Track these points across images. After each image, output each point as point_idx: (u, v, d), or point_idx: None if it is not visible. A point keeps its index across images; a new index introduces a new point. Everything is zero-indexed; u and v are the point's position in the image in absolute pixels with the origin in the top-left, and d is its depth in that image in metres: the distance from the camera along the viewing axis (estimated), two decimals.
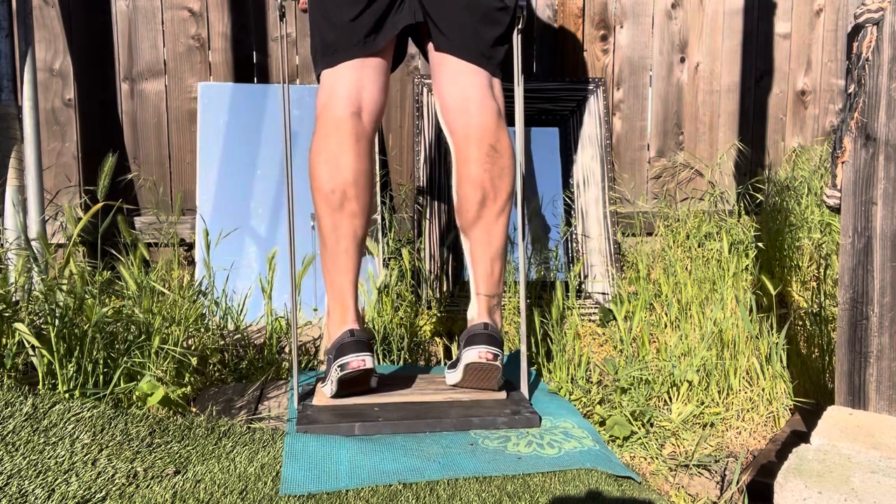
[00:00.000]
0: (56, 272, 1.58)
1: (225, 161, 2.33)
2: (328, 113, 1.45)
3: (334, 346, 1.41)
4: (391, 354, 1.90)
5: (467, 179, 1.49)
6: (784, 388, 1.65)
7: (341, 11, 1.43)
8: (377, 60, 1.48)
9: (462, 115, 1.49)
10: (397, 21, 1.45)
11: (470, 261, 1.55)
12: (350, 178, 1.42)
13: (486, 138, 1.47)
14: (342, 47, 1.45)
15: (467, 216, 1.51)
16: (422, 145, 2.37)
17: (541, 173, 2.55)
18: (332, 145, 1.43)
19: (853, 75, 1.32)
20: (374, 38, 1.44)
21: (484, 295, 1.52)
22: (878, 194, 1.30)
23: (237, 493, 1.10)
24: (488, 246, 1.51)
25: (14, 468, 1.07)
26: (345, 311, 1.46)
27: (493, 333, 1.47)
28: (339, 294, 1.46)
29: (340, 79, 1.46)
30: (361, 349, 1.39)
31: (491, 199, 1.48)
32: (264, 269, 2.20)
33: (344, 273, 1.47)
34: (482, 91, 1.49)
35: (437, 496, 1.15)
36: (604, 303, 2.28)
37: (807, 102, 2.89)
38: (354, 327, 1.43)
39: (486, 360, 1.44)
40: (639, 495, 1.23)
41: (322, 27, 1.47)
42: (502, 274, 1.56)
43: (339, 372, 1.39)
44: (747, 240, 2.29)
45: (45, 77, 2.32)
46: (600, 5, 2.66)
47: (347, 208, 1.43)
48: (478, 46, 1.48)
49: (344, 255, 1.46)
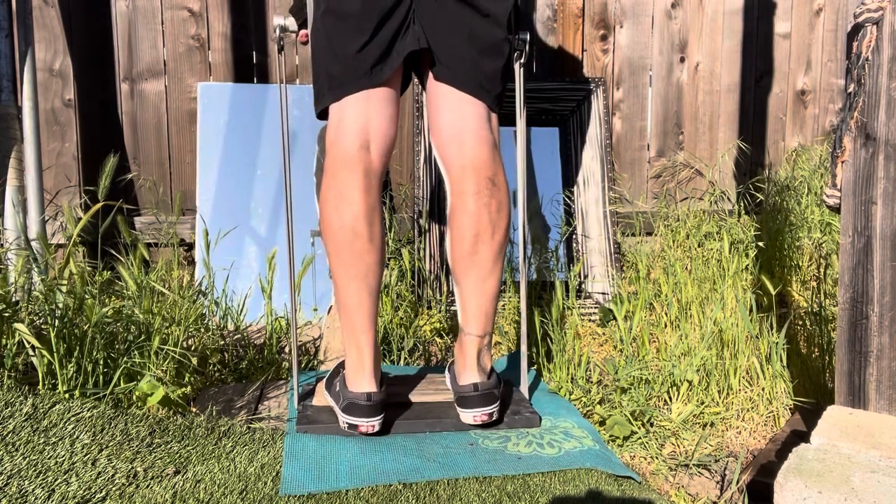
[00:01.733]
0: (56, 272, 1.58)
1: (225, 161, 2.33)
2: (337, 150, 1.39)
3: (348, 401, 1.36)
4: (391, 354, 1.90)
5: (464, 212, 1.41)
6: (784, 388, 1.65)
7: (346, 43, 1.38)
8: (385, 91, 1.42)
9: (458, 145, 1.44)
10: (402, 48, 1.39)
11: (460, 298, 1.46)
12: (360, 213, 1.35)
13: (483, 171, 1.42)
14: (348, 80, 1.39)
15: (461, 251, 1.42)
16: (422, 145, 2.37)
17: (541, 173, 2.55)
18: (339, 181, 1.37)
19: (853, 75, 1.32)
20: (381, 69, 1.39)
21: (475, 336, 1.44)
22: (878, 194, 1.30)
23: (237, 493, 1.10)
24: (483, 283, 1.43)
25: (14, 468, 1.07)
26: (361, 358, 1.39)
27: (486, 391, 1.41)
28: (354, 336, 1.39)
29: (347, 113, 1.40)
30: (374, 414, 1.35)
31: (488, 235, 1.41)
32: (264, 269, 2.20)
33: (356, 313, 1.38)
34: (479, 122, 1.44)
35: (437, 496, 1.15)
36: (604, 303, 2.28)
37: (807, 102, 2.89)
38: (373, 390, 1.37)
39: (481, 422, 1.42)
40: (639, 495, 1.23)
41: (326, 60, 1.42)
42: (495, 313, 1.47)
43: (346, 425, 1.37)
44: (747, 239, 2.29)
45: (45, 77, 2.32)
46: (600, 5, 2.66)
47: (357, 246, 1.36)
48: (477, 78, 1.43)
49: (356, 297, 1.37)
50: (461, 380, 1.45)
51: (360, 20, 1.36)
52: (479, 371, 1.44)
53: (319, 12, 1.41)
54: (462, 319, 1.46)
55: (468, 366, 1.45)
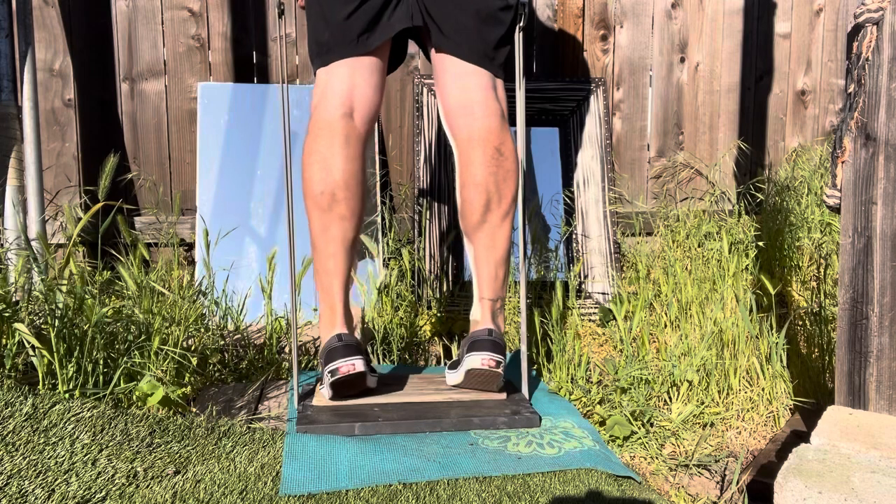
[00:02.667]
0: (56, 272, 1.58)
1: (225, 161, 2.33)
2: (319, 113, 1.44)
3: (324, 350, 1.40)
4: (391, 354, 1.90)
5: (472, 182, 1.47)
6: (784, 388, 1.65)
7: (336, 10, 1.42)
8: (371, 60, 1.46)
9: (465, 117, 1.47)
10: (393, 23, 1.43)
11: (473, 264, 1.54)
12: (340, 179, 1.41)
13: (490, 141, 1.46)
14: (336, 46, 1.44)
15: (471, 220, 1.49)
16: (422, 145, 2.37)
17: (541, 173, 2.55)
18: (322, 147, 1.41)
19: (853, 75, 1.32)
20: (368, 38, 1.43)
21: (488, 299, 1.51)
22: (878, 194, 1.30)
23: (237, 493, 1.10)
24: (492, 250, 1.50)
25: (14, 468, 1.07)
26: (333, 315, 1.45)
27: (497, 339, 1.46)
28: (329, 297, 1.45)
29: (333, 78, 1.45)
30: (350, 353, 1.38)
31: (496, 203, 1.47)
32: (264, 269, 2.20)
33: (333, 276, 1.45)
34: (485, 92, 1.48)
35: (437, 496, 1.15)
36: (604, 303, 2.28)
37: (807, 102, 2.89)
38: (343, 331, 1.42)
39: (488, 367, 1.44)
40: (639, 495, 1.23)
41: (317, 25, 1.47)
42: (506, 278, 1.54)
43: (331, 377, 1.38)
44: (747, 239, 2.29)
45: (45, 77, 2.32)
46: (600, 5, 2.66)
47: (336, 211, 1.42)
48: (480, 47, 1.46)
49: (332, 259, 1.45)
50: (476, 328, 1.50)
51: None
52: (494, 325, 1.50)
53: None
54: (476, 285, 1.53)
55: (483, 320, 1.50)
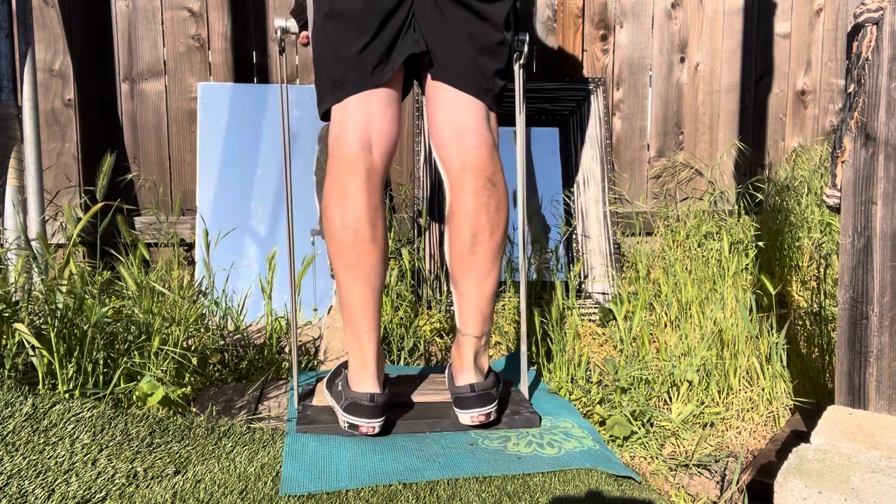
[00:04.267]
0: (56, 272, 1.58)
1: (225, 161, 2.33)
2: (338, 150, 1.40)
3: (349, 400, 1.36)
4: (391, 354, 1.90)
5: (462, 212, 1.42)
6: (784, 388, 1.65)
7: (348, 45, 1.38)
8: (386, 91, 1.43)
9: (457, 144, 1.44)
10: (403, 50, 1.40)
11: (458, 299, 1.46)
12: (362, 214, 1.36)
13: (483, 171, 1.42)
14: (349, 81, 1.40)
15: (459, 251, 1.43)
16: (422, 145, 2.37)
17: (541, 173, 2.55)
18: (342, 182, 1.37)
19: (853, 75, 1.32)
20: (383, 69, 1.39)
21: (473, 336, 1.44)
22: (878, 194, 1.30)
23: (237, 493, 1.10)
24: (481, 285, 1.43)
25: (14, 468, 1.07)
26: (365, 366, 1.39)
27: (483, 391, 1.41)
28: (357, 336, 1.39)
29: (349, 114, 1.40)
30: (376, 416, 1.35)
31: (486, 235, 1.41)
32: (264, 269, 2.20)
33: (362, 330, 1.38)
34: (479, 122, 1.44)
35: (437, 496, 1.15)
36: (604, 303, 2.28)
37: (807, 102, 2.89)
38: (376, 391, 1.37)
39: (480, 423, 1.42)
40: (639, 495, 1.23)
41: (328, 62, 1.42)
42: (492, 315, 1.48)
43: (346, 425, 1.37)
44: (747, 239, 2.29)
45: (45, 77, 2.32)
46: (600, 5, 2.66)
47: (359, 247, 1.36)
48: (476, 78, 1.43)
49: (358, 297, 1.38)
50: (458, 381, 1.45)
51: (361, 21, 1.36)
52: (477, 372, 1.44)
53: (321, 14, 1.40)
54: (459, 320, 1.46)
55: (465, 367, 1.45)
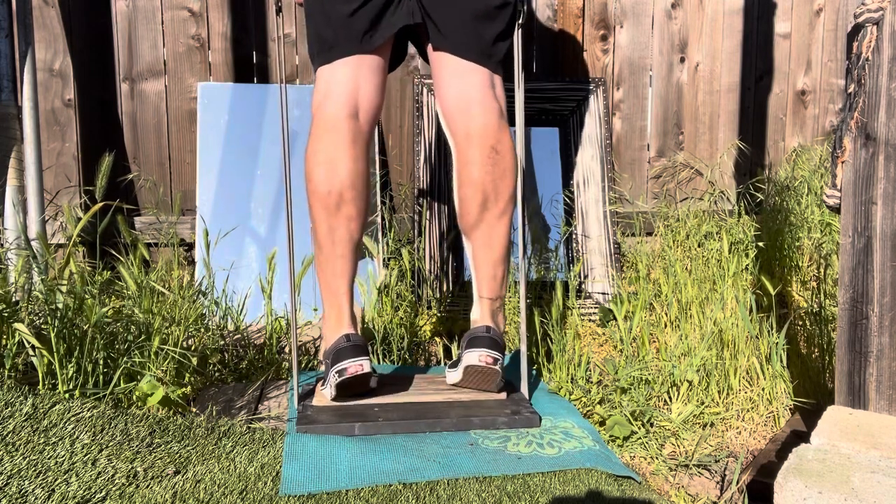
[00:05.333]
0: (56, 272, 1.58)
1: (225, 161, 2.33)
2: (323, 112, 1.43)
3: (331, 350, 1.40)
4: (391, 354, 1.90)
5: (468, 181, 1.47)
6: (784, 388, 1.65)
7: (339, 6, 1.41)
8: (374, 59, 1.45)
9: (463, 115, 1.47)
10: (395, 21, 1.42)
11: (472, 263, 1.53)
12: (347, 180, 1.40)
13: (487, 139, 1.45)
14: (339, 43, 1.42)
15: (469, 219, 1.49)
16: (422, 145, 2.37)
17: (541, 173, 2.55)
18: (328, 146, 1.41)
19: (853, 75, 1.32)
20: (371, 36, 1.42)
21: (487, 298, 1.51)
22: (878, 194, 1.30)
23: (237, 493, 1.10)
24: (490, 249, 1.50)
25: (14, 468, 1.07)
26: (340, 315, 1.45)
27: (495, 337, 1.46)
28: (335, 298, 1.45)
29: (336, 77, 1.43)
30: (358, 354, 1.38)
31: (492, 202, 1.47)
32: (264, 269, 2.20)
33: (340, 277, 1.45)
34: (484, 90, 1.47)
35: (437, 496, 1.15)
36: (604, 303, 2.28)
37: (807, 102, 2.89)
38: (351, 332, 1.42)
39: (486, 363, 1.44)
40: (639, 495, 1.23)
41: (318, 22, 1.45)
42: (505, 277, 1.54)
43: (338, 377, 1.38)
44: (747, 239, 2.29)
45: (45, 77, 2.32)
46: (600, 5, 2.66)
47: (344, 211, 1.41)
48: (478, 45, 1.45)
49: (340, 260, 1.45)
50: (474, 325, 1.50)
51: None
52: (493, 323, 1.49)
53: None
54: (475, 285, 1.53)
55: (482, 318, 1.50)
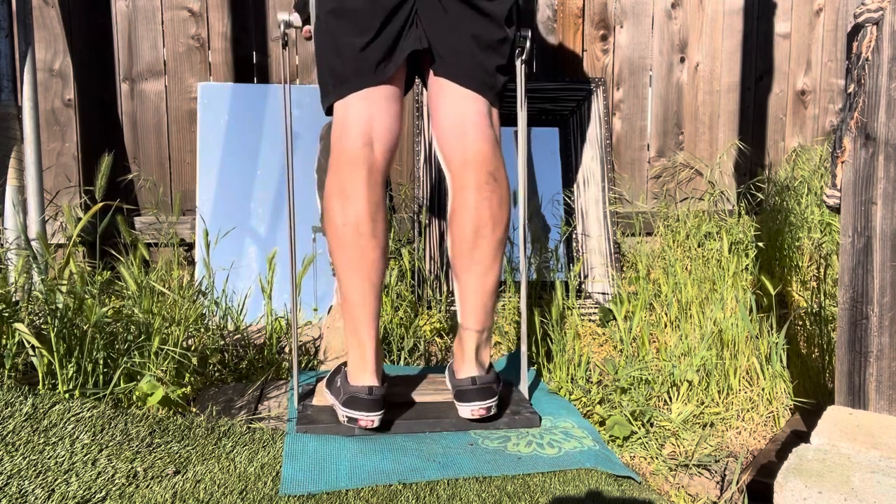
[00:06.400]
0: (56, 272, 1.58)
1: (225, 161, 2.33)
2: (340, 147, 1.40)
3: (350, 391, 1.37)
4: (391, 354, 1.90)
5: (464, 207, 1.42)
6: (784, 388, 1.65)
7: (351, 41, 1.38)
8: (389, 88, 1.43)
9: (460, 139, 1.44)
10: (405, 46, 1.40)
11: (460, 293, 1.47)
12: (363, 210, 1.36)
13: (485, 164, 1.42)
14: (352, 78, 1.40)
15: (462, 247, 1.43)
16: (422, 145, 2.37)
17: (541, 173, 2.55)
18: (343, 178, 1.37)
19: (853, 75, 1.32)
20: (385, 66, 1.39)
21: (474, 330, 1.45)
22: (878, 194, 1.30)
23: (237, 493, 1.10)
24: (483, 278, 1.44)
25: (14, 468, 1.07)
26: (364, 359, 1.39)
27: (483, 385, 1.42)
28: (358, 336, 1.40)
29: (351, 110, 1.41)
30: (375, 409, 1.35)
31: (489, 230, 1.42)
32: (264, 269, 2.20)
33: (362, 325, 1.39)
34: (481, 118, 1.45)
35: (437, 496, 1.14)
36: (604, 303, 2.28)
37: (807, 102, 2.89)
38: (374, 384, 1.37)
39: (480, 416, 1.42)
40: (639, 495, 1.23)
41: (330, 57, 1.42)
42: (494, 308, 1.48)
43: (345, 419, 1.37)
44: (747, 240, 2.29)
45: (45, 77, 2.32)
46: (600, 5, 2.66)
47: (360, 243, 1.36)
48: (479, 74, 1.44)
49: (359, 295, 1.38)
50: (459, 374, 1.46)
51: (365, 18, 1.37)
52: (478, 366, 1.45)
53: (325, 10, 1.41)
54: (461, 314, 1.47)
55: (466, 360, 1.46)
